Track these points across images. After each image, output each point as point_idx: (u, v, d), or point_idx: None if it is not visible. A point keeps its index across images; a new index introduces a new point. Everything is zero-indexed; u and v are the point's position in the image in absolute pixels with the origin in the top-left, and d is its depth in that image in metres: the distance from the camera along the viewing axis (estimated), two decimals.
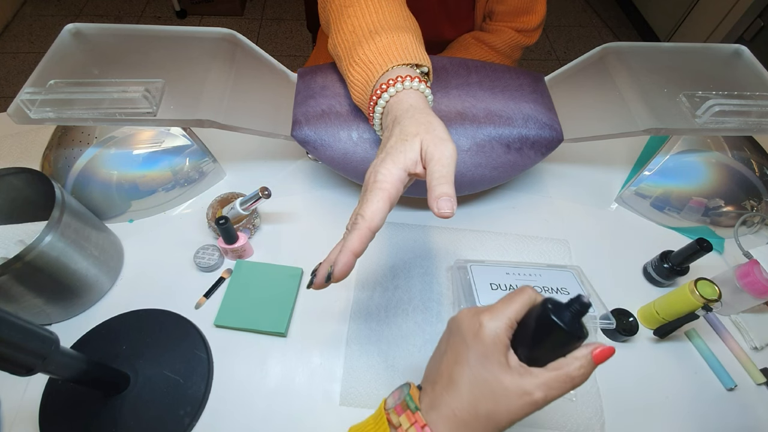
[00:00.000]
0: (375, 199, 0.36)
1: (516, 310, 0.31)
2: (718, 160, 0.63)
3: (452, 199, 0.36)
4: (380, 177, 0.37)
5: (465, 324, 0.32)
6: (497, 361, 0.30)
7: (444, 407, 0.31)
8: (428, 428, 0.30)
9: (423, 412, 0.31)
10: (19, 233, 0.52)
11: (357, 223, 0.35)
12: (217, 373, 0.50)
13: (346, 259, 0.35)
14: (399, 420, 0.31)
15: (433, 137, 0.38)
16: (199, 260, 0.57)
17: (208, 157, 0.64)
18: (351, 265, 0.35)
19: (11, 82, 1.91)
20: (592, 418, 0.49)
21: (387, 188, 0.36)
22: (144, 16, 2.24)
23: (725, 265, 0.63)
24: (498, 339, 0.30)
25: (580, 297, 0.29)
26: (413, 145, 0.38)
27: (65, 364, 0.38)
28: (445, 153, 0.38)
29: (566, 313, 0.29)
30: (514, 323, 0.31)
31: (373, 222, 0.35)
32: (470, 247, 0.63)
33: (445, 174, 0.37)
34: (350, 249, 0.35)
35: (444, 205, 0.35)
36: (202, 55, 0.57)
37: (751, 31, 1.70)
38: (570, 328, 0.29)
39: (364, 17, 0.49)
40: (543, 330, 0.30)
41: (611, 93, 0.59)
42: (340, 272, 0.35)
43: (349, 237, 0.35)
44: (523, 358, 0.31)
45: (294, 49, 2.14)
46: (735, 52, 0.64)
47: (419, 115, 0.41)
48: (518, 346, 0.31)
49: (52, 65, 0.53)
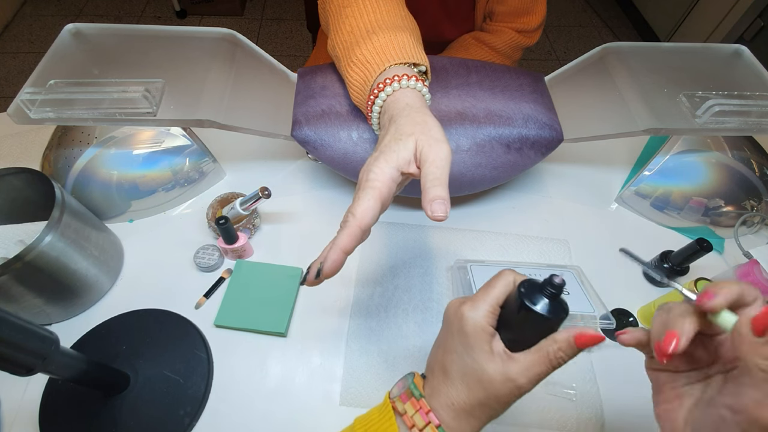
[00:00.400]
0: (366, 198, 0.36)
1: (496, 296, 0.32)
2: (718, 160, 0.63)
3: (446, 202, 0.36)
4: (372, 176, 0.37)
5: (450, 315, 0.33)
6: (480, 350, 0.31)
7: (443, 396, 0.31)
8: (432, 414, 0.31)
9: (426, 399, 0.32)
10: (19, 233, 0.52)
11: (347, 221, 0.36)
12: (217, 373, 0.50)
13: (335, 256, 0.35)
14: (404, 407, 0.32)
15: (428, 138, 0.38)
16: (199, 260, 0.57)
17: (208, 157, 0.64)
18: (340, 262, 0.36)
19: (11, 82, 1.91)
20: (592, 418, 0.49)
21: (378, 187, 0.37)
22: (144, 16, 2.24)
23: (725, 265, 0.63)
24: (479, 328, 0.31)
25: (552, 278, 0.29)
26: (407, 145, 0.38)
27: (65, 364, 0.38)
28: (440, 154, 0.37)
29: (540, 296, 0.29)
30: (497, 308, 0.32)
31: (364, 220, 0.36)
32: (470, 247, 0.63)
33: (438, 176, 0.37)
34: (340, 246, 0.35)
35: (437, 208, 0.35)
36: (202, 55, 0.57)
37: (751, 31, 1.70)
38: (545, 311, 0.29)
39: (362, 17, 0.49)
40: (520, 314, 0.30)
41: (611, 93, 0.59)
42: (329, 269, 0.35)
43: (339, 234, 0.36)
44: (508, 342, 0.31)
45: (294, 49, 2.14)
46: (735, 52, 0.64)
47: (415, 114, 0.41)
48: (502, 330, 0.32)
49: (52, 65, 0.53)
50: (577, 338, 0.30)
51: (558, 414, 0.49)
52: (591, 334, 0.30)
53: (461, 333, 0.31)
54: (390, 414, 0.32)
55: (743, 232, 0.65)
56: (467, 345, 0.31)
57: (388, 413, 0.32)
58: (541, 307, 0.29)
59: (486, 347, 0.31)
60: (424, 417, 0.31)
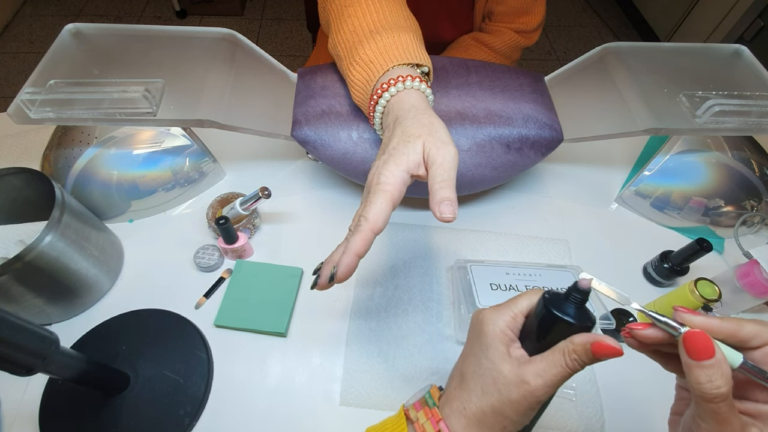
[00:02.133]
0: (378, 201, 0.36)
1: (519, 305, 0.32)
2: (718, 160, 0.63)
3: (454, 203, 0.36)
4: (383, 179, 0.37)
5: (473, 321, 0.33)
6: (497, 350, 0.30)
7: (456, 402, 0.31)
8: (443, 422, 0.31)
9: (439, 408, 0.32)
10: (19, 233, 0.52)
11: (360, 224, 0.36)
12: (217, 373, 0.50)
13: (349, 260, 0.35)
14: (417, 415, 0.32)
15: (435, 140, 0.38)
16: (199, 260, 0.57)
17: (208, 157, 0.64)
18: (354, 267, 0.36)
19: (11, 82, 1.91)
20: (592, 418, 0.49)
21: (390, 190, 0.37)
22: (144, 16, 2.24)
23: (725, 265, 0.63)
24: (498, 330, 0.31)
25: (576, 284, 0.28)
26: (416, 147, 0.38)
27: (65, 364, 0.38)
28: (447, 157, 0.38)
29: (566, 303, 0.29)
30: (519, 317, 0.32)
31: (377, 224, 0.36)
32: (470, 247, 0.63)
33: (446, 178, 0.37)
34: (353, 250, 0.35)
35: (446, 210, 0.36)
36: (202, 55, 0.57)
37: (751, 31, 1.70)
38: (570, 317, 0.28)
39: (364, 17, 0.49)
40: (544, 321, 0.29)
41: (611, 93, 0.59)
42: (343, 273, 0.35)
43: (352, 239, 0.36)
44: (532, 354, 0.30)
45: (294, 49, 2.14)
46: (735, 52, 0.64)
47: (421, 116, 0.41)
48: (525, 341, 0.31)
49: (52, 65, 0.53)
50: (594, 345, 0.27)
51: (558, 414, 0.49)
52: (610, 346, 0.27)
53: (480, 334, 0.31)
54: (402, 421, 0.32)
55: (743, 232, 0.65)
56: (484, 345, 0.31)
57: (401, 421, 0.32)
58: (566, 313, 0.28)
59: (502, 348, 0.30)
60: (435, 425, 0.31)
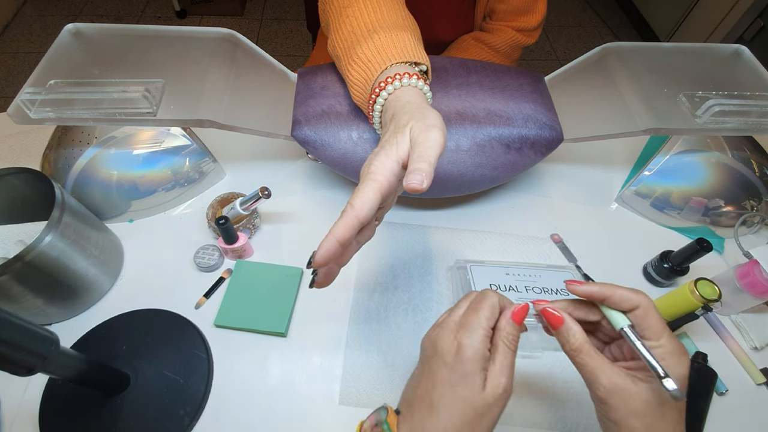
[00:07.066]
0: (365, 189, 0.35)
1: (487, 318, 0.32)
2: (718, 160, 0.63)
3: (423, 173, 0.34)
4: (372, 168, 0.36)
5: (441, 345, 0.33)
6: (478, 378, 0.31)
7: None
8: None
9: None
10: (19, 233, 0.52)
11: (345, 211, 0.35)
12: (217, 373, 0.50)
13: (328, 244, 0.34)
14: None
15: (422, 124, 0.37)
16: (199, 260, 0.57)
17: (208, 157, 0.64)
18: (333, 251, 0.34)
19: (11, 82, 1.91)
20: (592, 418, 0.49)
21: (378, 179, 0.36)
22: (144, 16, 2.24)
23: (725, 265, 0.63)
24: (479, 354, 0.31)
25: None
26: (404, 136, 0.38)
27: (65, 364, 0.38)
28: (429, 137, 0.36)
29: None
30: (489, 331, 0.32)
31: (362, 212, 0.34)
32: (470, 247, 0.63)
33: (422, 154, 0.35)
34: (334, 235, 0.34)
35: (413, 178, 0.34)
36: (202, 55, 0.57)
37: (751, 31, 1.70)
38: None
39: (362, 17, 0.49)
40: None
41: (611, 93, 0.59)
42: (321, 257, 0.33)
43: (336, 224, 0.35)
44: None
45: (294, 49, 2.14)
46: (735, 52, 0.64)
47: (414, 109, 0.40)
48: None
49: (52, 65, 0.53)
50: (513, 315, 0.34)
51: (558, 414, 0.49)
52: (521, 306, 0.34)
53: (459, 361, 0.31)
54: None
55: (743, 232, 0.65)
56: (462, 374, 0.31)
57: None
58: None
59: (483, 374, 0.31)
60: None
